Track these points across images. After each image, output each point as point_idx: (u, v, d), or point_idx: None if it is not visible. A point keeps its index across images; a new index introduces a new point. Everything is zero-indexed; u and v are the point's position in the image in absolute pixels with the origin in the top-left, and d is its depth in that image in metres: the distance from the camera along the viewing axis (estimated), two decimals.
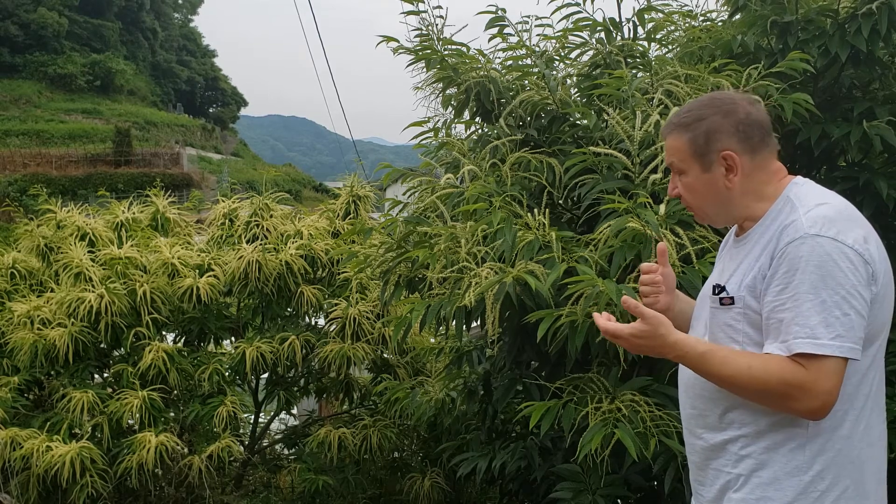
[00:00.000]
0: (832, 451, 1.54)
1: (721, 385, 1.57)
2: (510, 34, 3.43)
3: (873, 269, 1.51)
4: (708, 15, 3.50)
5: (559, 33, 3.42)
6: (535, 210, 2.73)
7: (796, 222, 1.53)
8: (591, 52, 3.36)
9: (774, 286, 1.52)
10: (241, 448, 4.45)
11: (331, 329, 4.48)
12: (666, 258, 1.82)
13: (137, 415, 4.07)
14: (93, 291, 4.25)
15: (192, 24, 76.52)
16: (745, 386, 1.51)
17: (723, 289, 1.63)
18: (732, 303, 1.60)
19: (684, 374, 1.75)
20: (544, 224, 2.68)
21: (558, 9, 3.35)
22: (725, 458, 1.63)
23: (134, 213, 5.04)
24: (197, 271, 4.52)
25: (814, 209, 1.55)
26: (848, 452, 1.55)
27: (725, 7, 3.38)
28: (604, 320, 1.61)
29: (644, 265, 1.83)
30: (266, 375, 4.69)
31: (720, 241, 2.47)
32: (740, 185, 1.64)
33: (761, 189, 1.64)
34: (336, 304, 4.41)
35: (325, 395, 4.82)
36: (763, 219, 1.63)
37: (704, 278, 2.28)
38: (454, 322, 2.67)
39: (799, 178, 1.67)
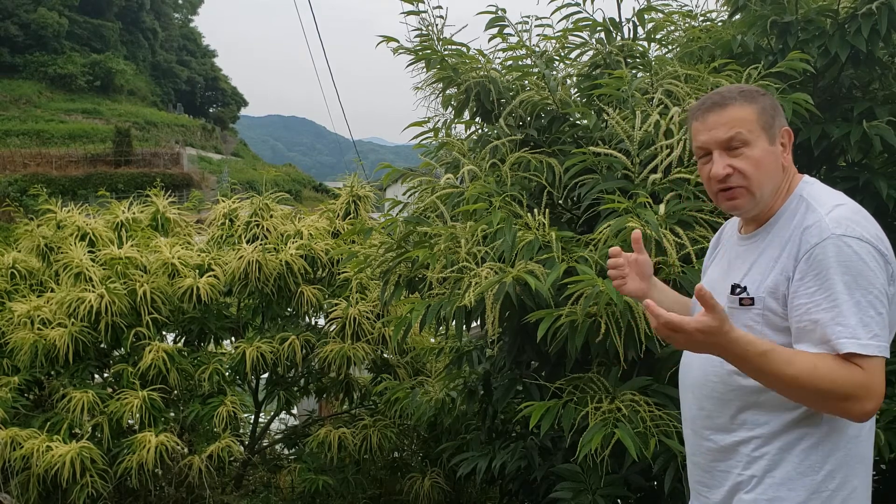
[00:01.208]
0: (843, 450, 1.54)
1: (775, 385, 1.48)
2: (510, 34, 3.43)
3: (893, 268, 1.52)
4: (708, 15, 3.51)
5: (559, 33, 3.42)
6: (535, 210, 2.73)
7: (820, 223, 1.51)
8: (591, 53, 3.36)
9: (805, 288, 1.49)
10: (241, 448, 4.45)
11: (331, 329, 4.49)
12: (640, 245, 1.79)
13: (137, 415, 4.07)
14: (93, 291, 4.25)
15: (192, 24, 76.57)
16: (806, 386, 1.44)
17: (743, 289, 1.59)
18: (752, 303, 1.57)
19: (689, 374, 1.73)
20: (544, 224, 2.68)
21: (558, 9, 3.35)
22: (735, 460, 1.61)
23: (134, 213, 5.04)
24: (197, 271, 4.52)
25: (834, 210, 1.53)
26: (857, 452, 1.55)
27: (725, 7, 3.38)
28: (660, 309, 1.43)
29: (612, 249, 1.80)
30: (266, 375, 4.69)
31: None
32: (786, 167, 1.63)
33: (783, 179, 1.64)
34: (336, 304, 4.41)
35: (325, 395, 4.83)
36: (776, 216, 1.61)
37: None
38: (454, 322, 2.67)
39: (808, 177, 1.66)
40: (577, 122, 3.18)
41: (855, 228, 1.49)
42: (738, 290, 1.60)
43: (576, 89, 3.33)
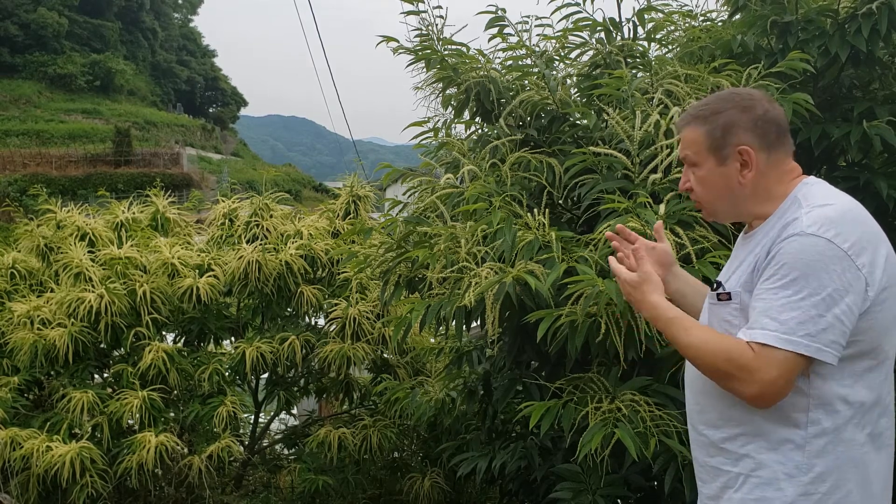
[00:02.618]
0: (833, 453, 1.52)
1: (682, 353, 1.63)
2: (510, 34, 3.43)
3: (868, 275, 1.49)
4: (708, 15, 3.50)
5: (559, 33, 3.42)
6: (535, 210, 2.73)
7: (797, 220, 1.53)
8: (591, 52, 3.36)
9: (765, 279, 1.53)
10: (241, 448, 4.45)
11: (331, 329, 4.48)
12: (661, 234, 1.87)
13: (137, 415, 4.07)
14: (93, 291, 4.25)
15: (191, 24, 76.62)
16: (697, 357, 1.58)
17: (720, 284, 1.65)
18: (729, 298, 1.61)
19: (689, 370, 1.74)
20: (544, 224, 2.67)
21: (558, 9, 3.35)
22: (725, 456, 1.62)
23: (134, 213, 5.04)
24: (197, 271, 4.52)
25: (816, 209, 1.54)
26: (851, 456, 1.53)
27: (725, 7, 3.38)
28: (615, 262, 1.77)
29: (608, 234, 1.87)
30: (266, 375, 4.69)
31: (720, 241, 2.49)
32: (753, 183, 1.63)
33: (772, 188, 1.64)
34: (336, 304, 4.41)
35: (325, 395, 4.83)
36: (770, 218, 1.63)
37: (704, 278, 2.28)
38: (454, 322, 2.66)
39: (811, 178, 1.66)
40: (577, 122, 3.18)
41: (829, 229, 1.49)
42: (716, 285, 1.67)
43: (576, 89, 3.33)
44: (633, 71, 3.18)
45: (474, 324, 2.83)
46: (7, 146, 38.50)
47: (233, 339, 4.83)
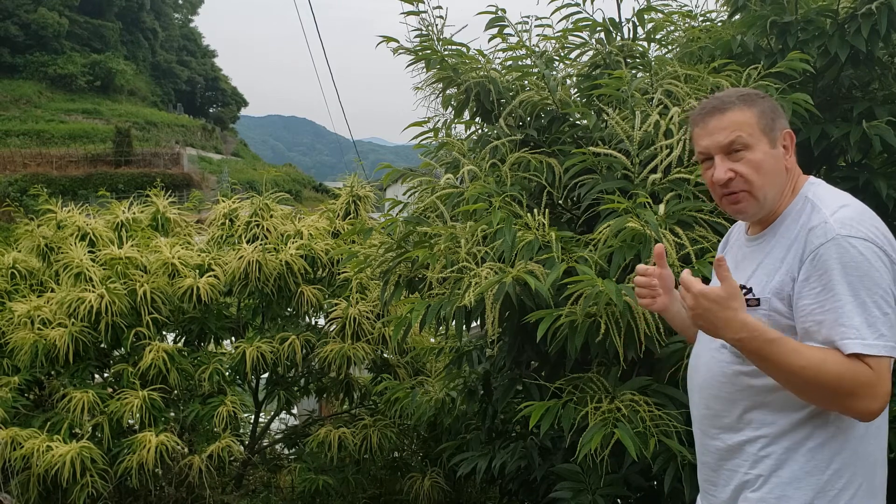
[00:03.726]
0: (848, 449, 1.54)
1: (781, 376, 1.49)
2: (510, 34, 3.43)
3: None
4: (708, 15, 3.51)
5: (559, 33, 3.42)
6: (535, 210, 2.73)
7: (825, 224, 1.52)
8: (590, 53, 3.36)
9: (811, 289, 1.50)
10: (242, 448, 4.45)
11: (331, 329, 4.49)
12: (664, 260, 1.78)
13: (138, 415, 4.08)
14: (93, 291, 4.25)
15: (192, 24, 76.68)
16: (811, 379, 1.45)
17: (749, 290, 1.60)
18: (758, 304, 1.58)
19: (697, 374, 1.73)
20: (544, 224, 2.68)
21: (558, 9, 3.35)
22: (742, 459, 1.62)
23: (134, 213, 5.04)
24: (197, 271, 4.52)
25: (839, 210, 1.54)
26: (862, 451, 1.55)
27: (725, 7, 3.38)
28: (687, 273, 1.55)
29: (640, 267, 1.78)
30: (266, 375, 4.69)
31: (720, 241, 2.48)
32: (789, 169, 1.63)
33: (787, 181, 1.64)
34: (336, 304, 4.41)
35: (325, 395, 4.83)
36: (781, 217, 1.62)
37: (704, 278, 2.28)
38: (454, 322, 2.67)
39: (812, 177, 1.67)
40: (577, 122, 3.18)
41: (860, 229, 1.50)
42: (744, 290, 1.60)
43: (576, 89, 3.33)
44: (633, 71, 3.18)
45: (474, 324, 2.83)
46: (7, 146, 38.51)
47: (233, 338, 4.83)
